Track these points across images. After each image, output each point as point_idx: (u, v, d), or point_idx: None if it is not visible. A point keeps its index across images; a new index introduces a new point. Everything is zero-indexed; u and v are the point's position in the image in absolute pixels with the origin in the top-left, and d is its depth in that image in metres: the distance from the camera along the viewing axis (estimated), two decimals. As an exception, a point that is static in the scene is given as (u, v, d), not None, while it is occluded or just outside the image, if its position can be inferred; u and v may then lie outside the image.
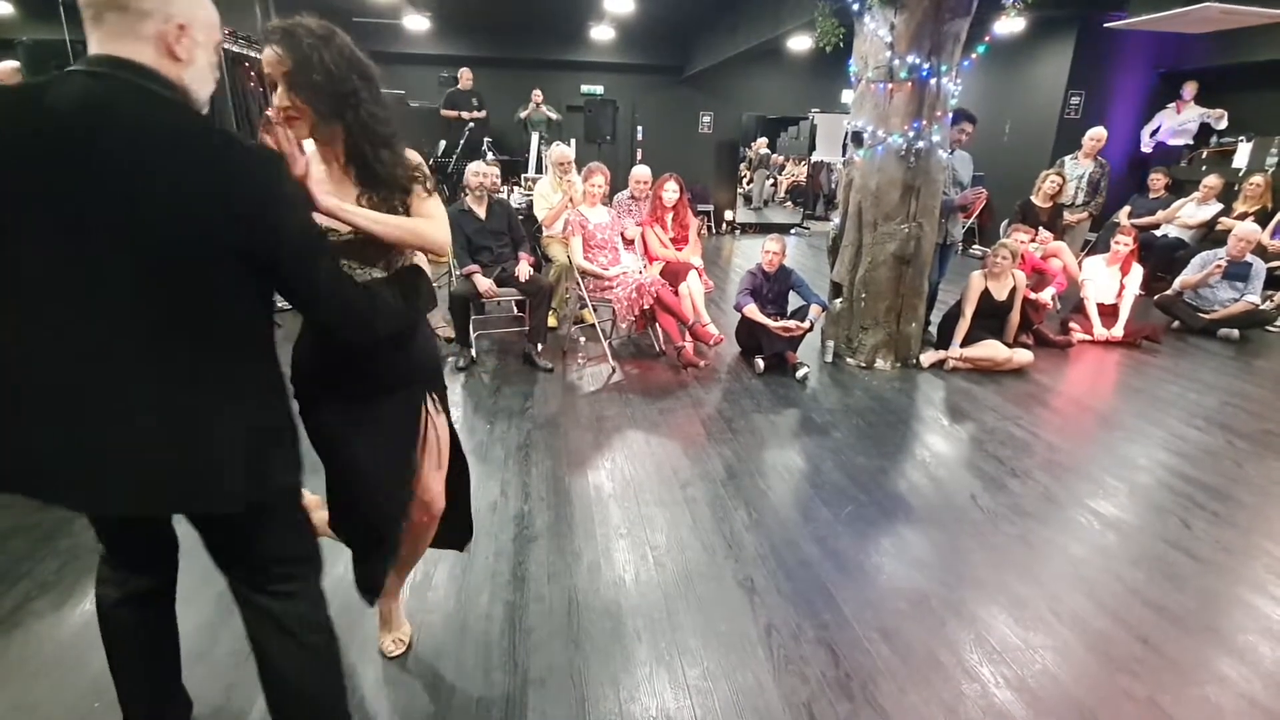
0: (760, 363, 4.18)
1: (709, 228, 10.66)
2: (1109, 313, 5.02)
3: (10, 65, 4.84)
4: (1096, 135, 5.72)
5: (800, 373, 4.06)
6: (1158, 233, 6.50)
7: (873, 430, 3.41)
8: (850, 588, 2.19)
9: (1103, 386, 4.28)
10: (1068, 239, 5.64)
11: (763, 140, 11.65)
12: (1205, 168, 7.03)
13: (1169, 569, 2.33)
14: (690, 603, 2.10)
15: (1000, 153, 8.22)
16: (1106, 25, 6.21)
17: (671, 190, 4.61)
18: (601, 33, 9.17)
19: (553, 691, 1.75)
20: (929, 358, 4.37)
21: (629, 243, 4.59)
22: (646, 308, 4.14)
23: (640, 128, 10.35)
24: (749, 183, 11.74)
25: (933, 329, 4.76)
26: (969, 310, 4.33)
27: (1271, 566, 2.35)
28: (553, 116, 8.68)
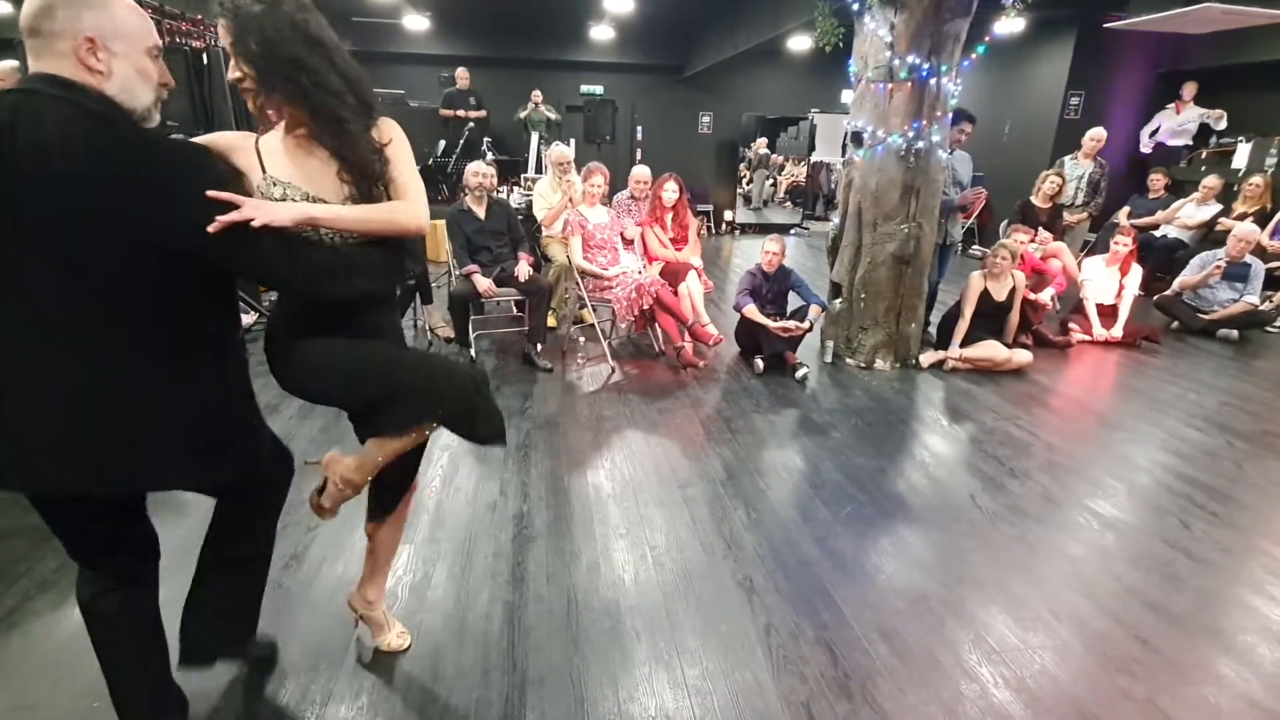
0: (759, 363, 4.18)
1: (708, 228, 10.66)
2: (1108, 313, 5.02)
3: (10, 65, 4.84)
4: (1096, 136, 5.71)
5: (800, 373, 4.06)
6: (1157, 233, 6.50)
7: (872, 430, 3.41)
8: (849, 588, 2.19)
9: (1102, 387, 4.29)
10: (1067, 239, 5.64)
11: (762, 140, 11.63)
12: (1204, 168, 7.03)
13: (1168, 569, 2.33)
14: (689, 603, 2.10)
15: (1000, 153, 8.22)
16: (1106, 25, 6.21)
17: (671, 190, 4.61)
18: (601, 32, 9.17)
19: (551, 691, 1.75)
20: (928, 358, 4.37)
21: (628, 243, 4.60)
22: (646, 308, 4.15)
23: (640, 128, 10.35)
24: (748, 183, 11.72)
25: (932, 329, 4.76)
26: (968, 310, 4.33)
27: (1270, 567, 2.35)
28: (552, 117, 8.68)
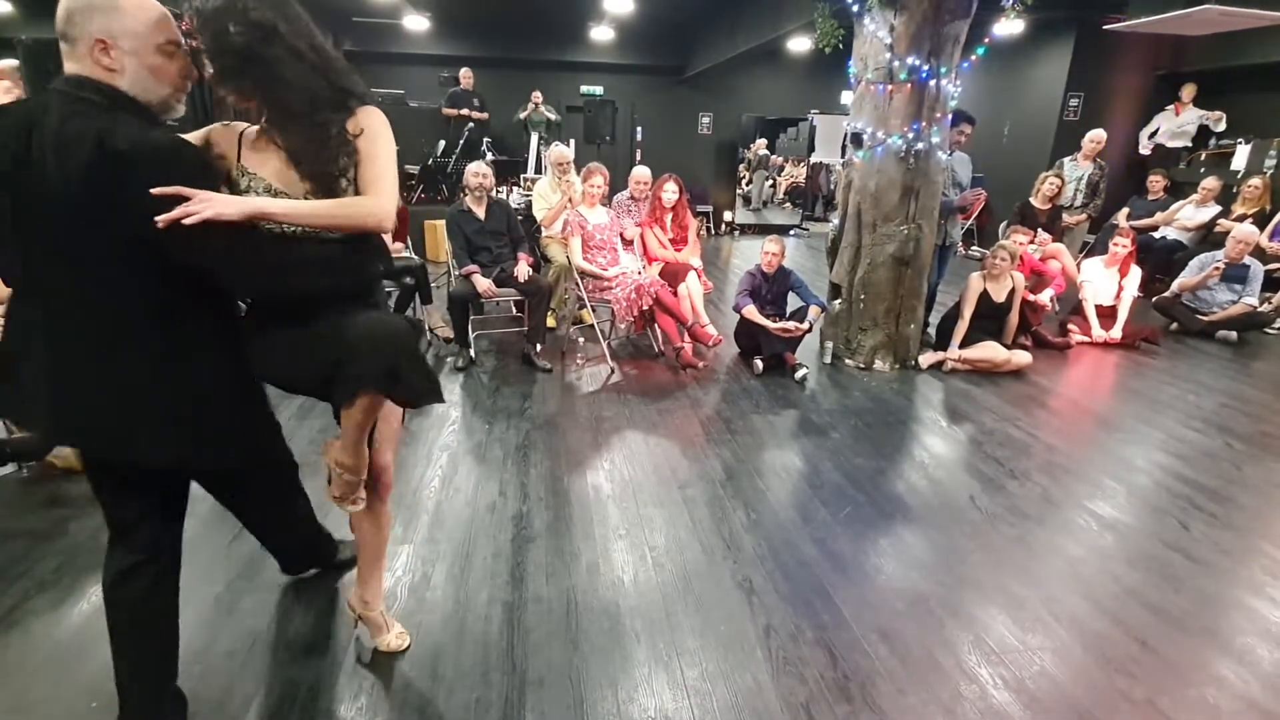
0: (759, 364, 4.18)
1: (708, 228, 10.67)
2: (1107, 314, 5.03)
3: (10, 63, 4.84)
4: (1096, 137, 5.72)
5: (799, 374, 4.06)
6: (1156, 235, 6.51)
7: (871, 431, 3.42)
8: (849, 589, 2.19)
9: (1101, 388, 4.29)
10: (1066, 241, 5.65)
11: (762, 141, 11.62)
12: (1204, 170, 7.04)
13: (1167, 570, 2.33)
14: (689, 603, 2.10)
15: (999, 154, 8.23)
16: (1106, 27, 6.22)
17: (671, 191, 4.61)
18: (601, 33, 9.17)
19: (551, 692, 1.75)
20: (928, 359, 4.37)
21: (628, 243, 4.60)
22: (645, 308, 4.15)
23: (640, 128, 10.35)
24: (748, 184, 11.72)
25: (931, 330, 4.76)
26: (968, 311, 4.33)
27: (1269, 568, 2.36)
28: (552, 117, 8.67)
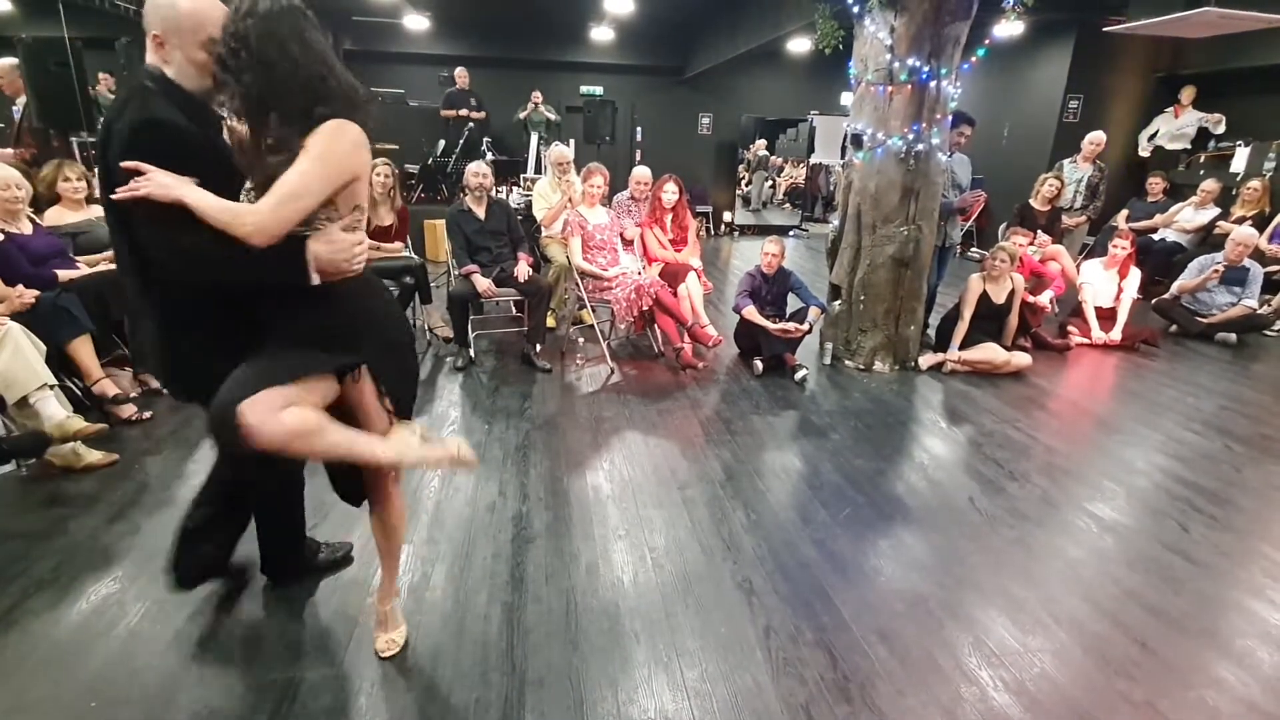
0: (759, 364, 4.18)
1: (708, 229, 10.67)
2: (1107, 316, 5.03)
3: (9, 62, 4.84)
4: (1096, 139, 5.72)
5: (799, 375, 4.06)
6: (1155, 237, 6.52)
7: (871, 432, 3.41)
8: (848, 590, 2.19)
9: (1100, 390, 4.29)
10: (1066, 242, 5.65)
11: (762, 142, 11.62)
12: (1203, 172, 7.04)
13: (1166, 572, 2.33)
14: (689, 604, 2.10)
15: (999, 156, 8.23)
16: (1106, 29, 6.23)
17: (671, 191, 4.61)
18: (601, 33, 9.17)
19: (551, 693, 1.75)
20: (927, 360, 4.37)
21: (628, 243, 4.60)
22: (645, 309, 4.15)
23: (639, 129, 10.35)
24: (748, 184, 11.72)
25: (931, 331, 4.76)
26: (967, 313, 4.33)
27: (1269, 570, 2.36)
28: (552, 117, 8.67)
